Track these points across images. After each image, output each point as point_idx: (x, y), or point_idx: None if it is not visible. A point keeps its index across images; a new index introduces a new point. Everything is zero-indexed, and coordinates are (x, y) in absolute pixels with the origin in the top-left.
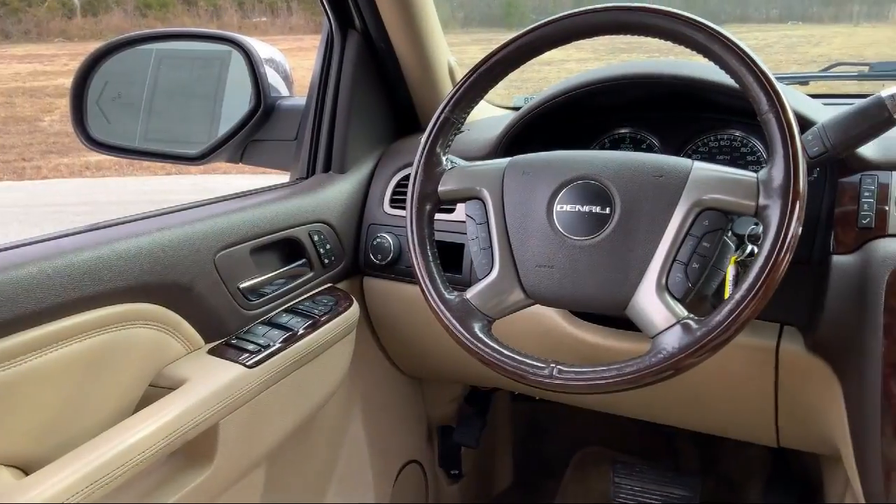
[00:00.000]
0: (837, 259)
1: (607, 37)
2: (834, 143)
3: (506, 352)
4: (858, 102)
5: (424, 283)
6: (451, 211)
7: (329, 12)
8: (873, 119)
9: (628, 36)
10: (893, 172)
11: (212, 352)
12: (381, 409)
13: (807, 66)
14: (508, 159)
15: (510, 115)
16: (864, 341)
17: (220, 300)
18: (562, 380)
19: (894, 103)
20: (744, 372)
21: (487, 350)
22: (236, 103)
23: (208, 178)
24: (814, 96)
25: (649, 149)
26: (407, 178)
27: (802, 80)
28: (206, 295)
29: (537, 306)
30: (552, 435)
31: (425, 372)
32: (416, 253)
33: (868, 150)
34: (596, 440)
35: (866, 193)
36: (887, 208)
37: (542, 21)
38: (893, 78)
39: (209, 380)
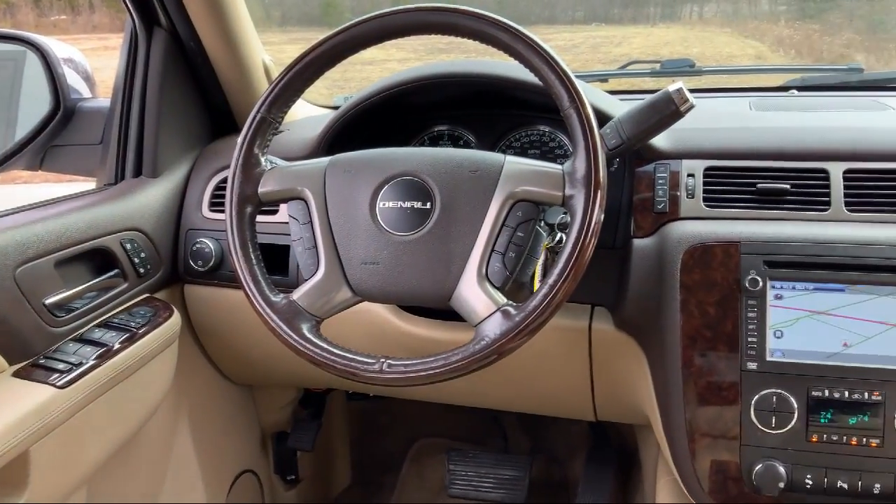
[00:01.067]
0: (638, 242)
1: (427, 37)
2: (629, 136)
3: (335, 350)
4: (649, 97)
5: (248, 286)
6: (273, 212)
7: (131, 9)
8: (662, 112)
9: (447, 37)
10: (683, 161)
11: (17, 374)
12: (211, 421)
13: (610, 64)
14: (329, 158)
15: (331, 115)
16: (665, 316)
17: (23, 319)
18: (392, 374)
19: (680, 97)
20: (561, 352)
21: (317, 350)
22: (34, 106)
23: (5, 188)
24: (613, 92)
25: (466, 145)
26: (225, 180)
27: (602, 78)
28: (7, 314)
29: (365, 303)
30: (389, 431)
31: (255, 378)
32: (238, 257)
33: (660, 141)
34: (431, 431)
35: (660, 181)
36: (679, 194)
37: (354, 21)
38: (682, 74)
39: (15, 404)
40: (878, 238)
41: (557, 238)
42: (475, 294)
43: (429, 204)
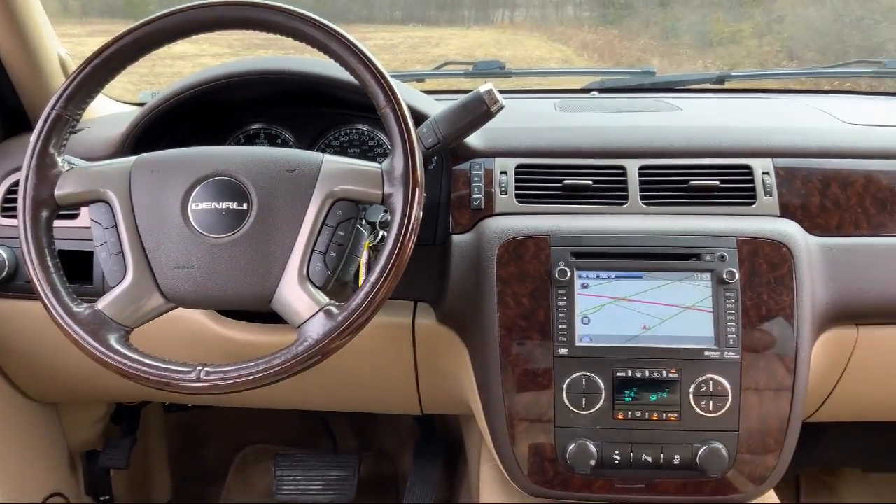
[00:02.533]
0: (457, 238)
1: (244, 32)
2: (445, 135)
3: (147, 361)
4: (462, 98)
5: (47, 297)
6: (74, 216)
7: None
8: (475, 112)
9: (264, 33)
10: (496, 159)
11: None
12: (11, 443)
13: (429, 65)
14: (135, 157)
15: (136, 112)
16: (483, 309)
17: None
18: (210, 382)
19: (491, 98)
20: (386, 349)
21: (126, 362)
22: None
23: None
24: (429, 92)
25: (284, 144)
26: (17, 183)
27: (419, 78)
28: None
29: (180, 310)
30: (211, 441)
31: (60, 395)
32: (34, 265)
33: (475, 140)
34: (257, 438)
35: (475, 178)
36: (493, 191)
37: (158, 14)
38: (493, 75)
39: None
40: (671, 228)
41: (379, 236)
42: (296, 295)
43: (245, 204)
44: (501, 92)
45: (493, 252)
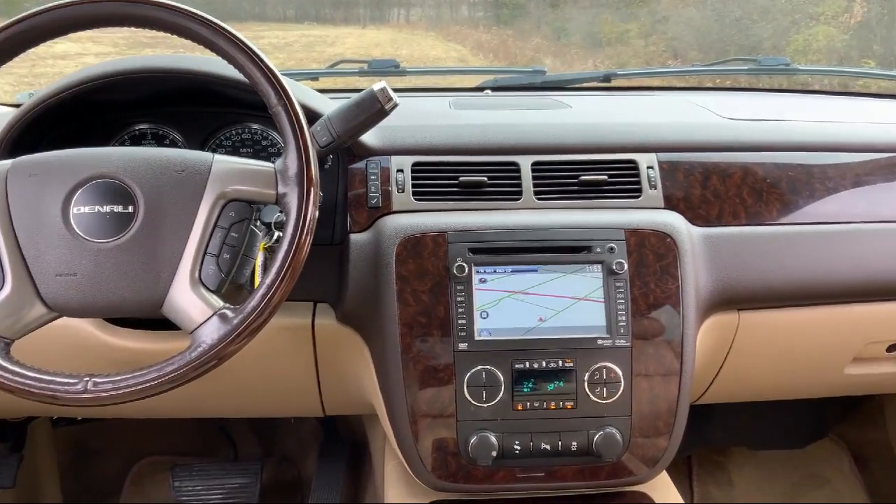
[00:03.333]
0: (355, 237)
1: (130, 30)
2: (339, 133)
3: (30, 373)
4: (355, 96)
5: None
6: None
7: None
8: (369, 110)
9: (150, 30)
10: (392, 157)
11: None
12: None
13: (325, 63)
14: (11, 161)
15: (12, 113)
16: (383, 307)
17: None
18: (98, 393)
19: (384, 96)
20: (286, 352)
21: (7, 375)
22: None
23: None
24: (323, 91)
25: (173, 144)
26: None
27: (313, 76)
28: None
29: (66, 319)
30: (104, 455)
31: None
32: None
33: (371, 138)
34: (153, 449)
35: (372, 177)
36: (390, 189)
37: (33, 10)
38: (388, 74)
39: None
40: (563, 222)
41: (275, 237)
42: (189, 299)
43: (131, 207)
44: (396, 90)
45: (392, 250)
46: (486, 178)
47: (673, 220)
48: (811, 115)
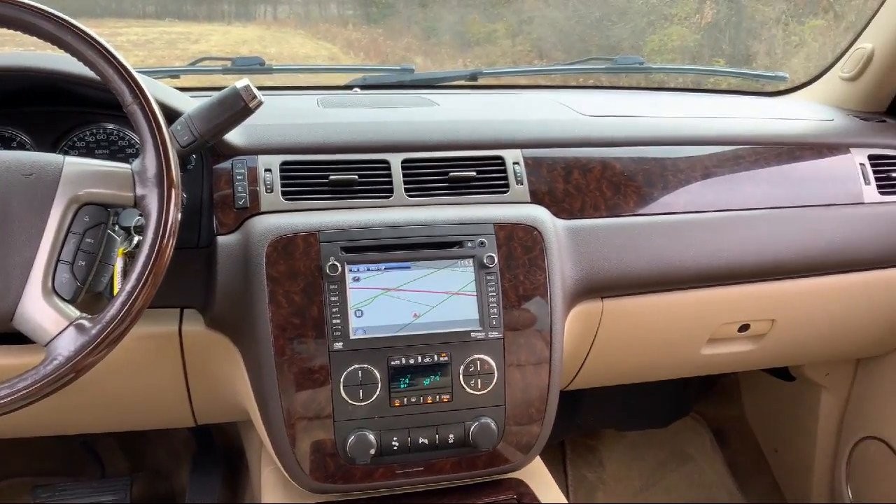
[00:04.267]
0: (222, 239)
1: None
2: (201, 132)
3: None
4: (218, 94)
5: None
6: None
7: None
8: (232, 108)
9: None
10: (259, 157)
11: None
12: None
13: (188, 62)
14: None
15: None
16: (255, 310)
17: None
18: None
19: (248, 94)
20: (151, 361)
21: None
22: None
23: None
24: (185, 89)
25: (21, 146)
26: None
27: (173, 74)
28: None
29: None
30: None
31: None
32: None
33: (236, 137)
34: (11, 471)
35: (238, 177)
36: (258, 189)
37: None
38: (252, 72)
39: None
40: (434, 218)
41: (135, 242)
42: (41, 310)
43: None
44: (263, 89)
45: (262, 251)
46: (356, 177)
47: (539, 214)
48: (665, 111)
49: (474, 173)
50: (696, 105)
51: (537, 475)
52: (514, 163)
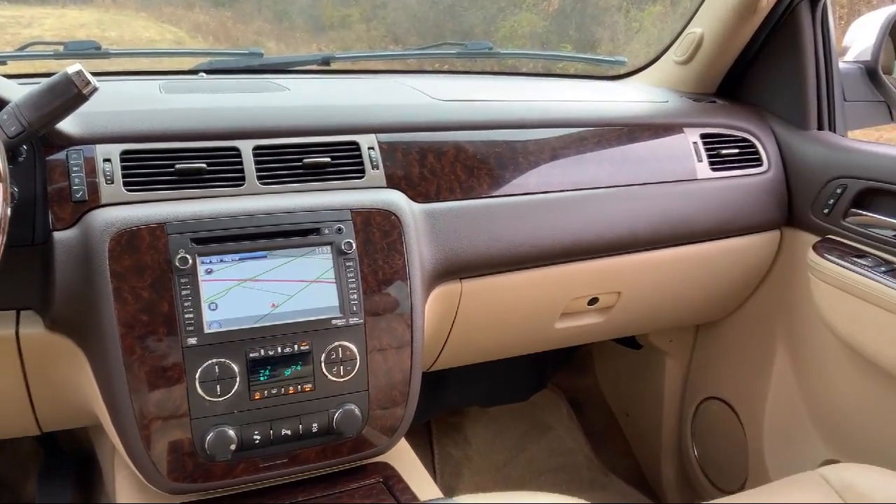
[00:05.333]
0: (59, 235)
1: None
2: (31, 121)
3: None
4: (48, 80)
5: None
6: None
7: None
8: (64, 95)
9: None
10: (97, 146)
11: None
12: None
13: (18, 46)
14: None
15: None
16: (99, 308)
17: None
18: None
19: (81, 80)
20: None
21: None
22: None
23: None
24: (12, 76)
25: None
26: None
27: (0, 61)
28: None
29: None
30: None
31: None
32: None
33: (70, 126)
34: None
35: (75, 168)
36: (97, 180)
37: None
38: (87, 56)
39: None
40: (289, 206)
41: None
42: None
43: None
44: (99, 74)
45: (104, 246)
46: (205, 165)
47: (396, 199)
48: (515, 95)
49: (329, 159)
50: (545, 89)
51: (403, 457)
52: (370, 148)
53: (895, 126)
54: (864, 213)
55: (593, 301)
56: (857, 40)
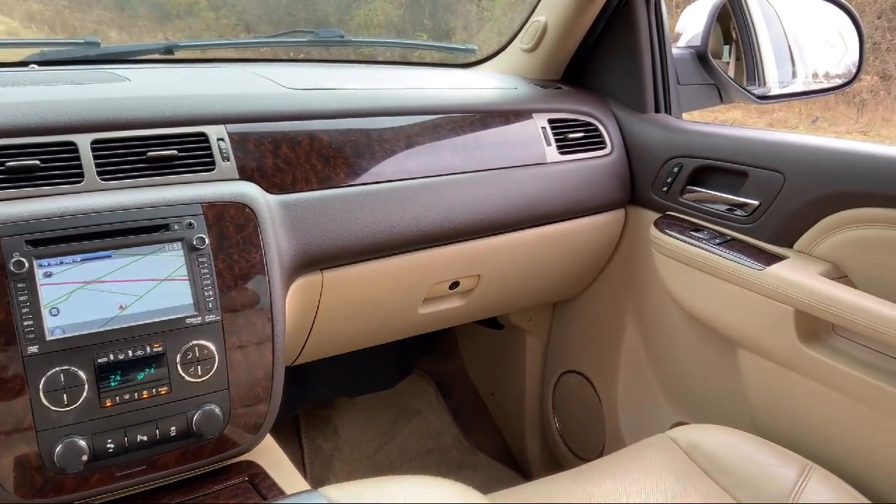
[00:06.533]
0: None
1: None
2: None
3: None
4: None
5: None
6: None
7: None
8: None
9: None
10: None
11: None
12: None
13: None
14: None
15: None
16: None
17: None
18: None
19: None
20: None
21: None
22: None
23: None
24: None
25: None
26: None
27: None
28: None
29: None
30: None
31: None
32: None
33: None
34: None
35: None
36: None
37: None
38: None
39: None
40: (134, 202)
41: None
42: None
43: None
44: None
45: None
46: (38, 162)
47: (249, 191)
48: (370, 83)
49: (176, 151)
50: (399, 77)
51: (269, 454)
52: (219, 139)
53: (726, 107)
54: (700, 189)
55: (454, 285)
56: (688, 27)
